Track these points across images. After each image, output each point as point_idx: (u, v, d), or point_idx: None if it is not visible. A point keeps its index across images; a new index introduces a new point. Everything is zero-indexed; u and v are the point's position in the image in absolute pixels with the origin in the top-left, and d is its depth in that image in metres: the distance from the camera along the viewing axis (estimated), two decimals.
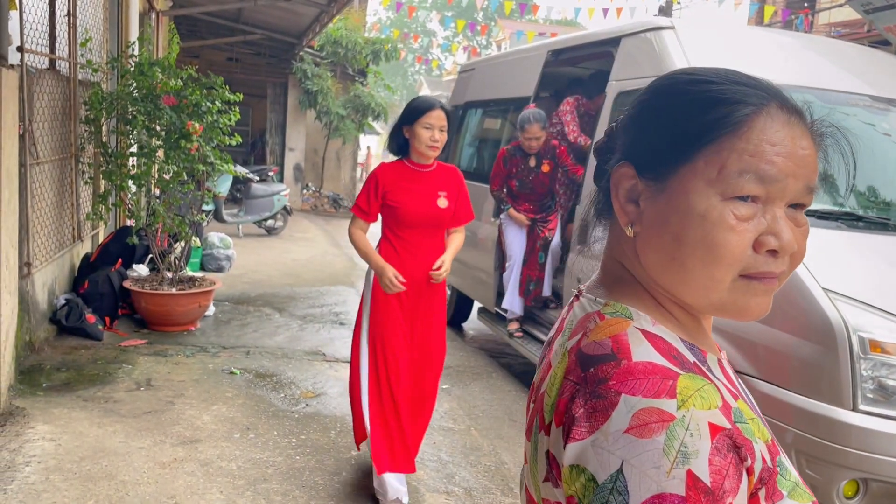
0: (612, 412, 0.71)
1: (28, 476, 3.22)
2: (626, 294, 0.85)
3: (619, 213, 0.85)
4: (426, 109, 3.19)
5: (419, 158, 3.27)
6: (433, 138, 3.19)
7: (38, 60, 4.94)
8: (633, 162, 0.84)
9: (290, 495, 3.27)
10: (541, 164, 5.12)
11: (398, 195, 3.23)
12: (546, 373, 0.86)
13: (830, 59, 4.22)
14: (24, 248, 4.53)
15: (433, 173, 3.32)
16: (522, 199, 5.28)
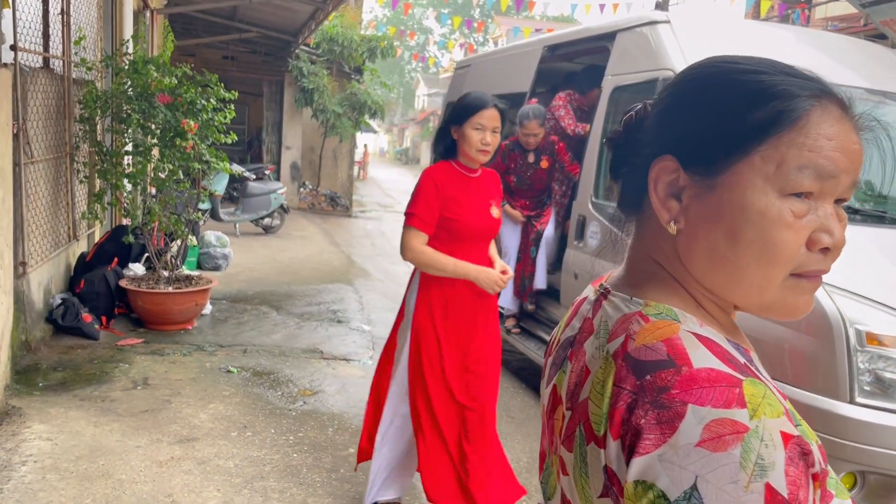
0: (679, 424, 0.67)
1: (24, 475, 3.21)
2: (663, 293, 0.81)
3: (659, 209, 0.80)
4: (477, 108, 2.84)
5: (468, 162, 2.92)
6: (484, 141, 2.84)
7: (31, 59, 4.92)
8: (677, 155, 0.79)
9: (288, 493, 3.26)
10: (539, 159, 5.10)
11: (455, 205, 2.87)
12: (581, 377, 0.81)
13: (827, 53, 4.22)
14: (19, 248, 4.52)
15: (481, 179, 2.99)
16: (519, 195, 5.26)
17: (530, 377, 5.41)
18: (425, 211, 2.85)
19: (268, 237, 11.20)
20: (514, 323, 5.27)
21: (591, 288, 0.95)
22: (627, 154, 0.87)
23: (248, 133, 18.26)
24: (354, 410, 4.33)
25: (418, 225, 2.85)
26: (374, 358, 5.45)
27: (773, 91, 0.76)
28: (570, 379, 0.84)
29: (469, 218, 2.87)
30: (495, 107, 2.87)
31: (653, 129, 0.83)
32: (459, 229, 2.87)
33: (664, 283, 0.82)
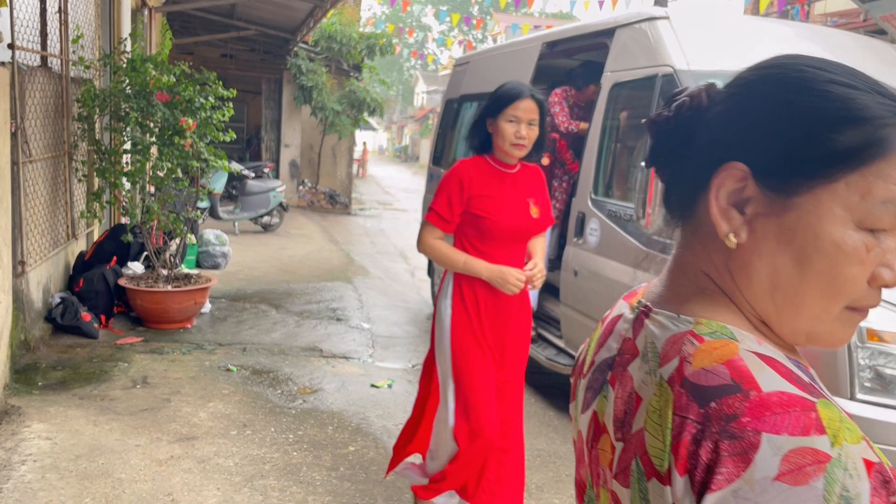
0: (754, 455, 0.62)
1: (24, 475, 3.20)
2: (713, 309, 0.75)
3: (718, 219, 0.73)
4: (512, 99, 2.66)
5: (503, 157, 2.75)
6: (519, 134, 2.65)
7: (29, 58, 4.91)
8: (748, 163, 0.71)
9: (288, 491, 3.26)
10: (540, 156, 5.08)
11: (485, 202, 2.70)
12: (630, 405, 0.75)
13: (826, 49, 4.21)
14: (17, 247, 4.51)
15: (519, 175, 2.80)
16: None
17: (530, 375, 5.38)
18: (445, 208, 2.73)
19: (267, 235, 11.19)
20: None
21: (623, 304, 0.88)
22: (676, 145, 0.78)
23: (247, 131, 18.23)
24: (354, 408, 4.33)
25: (435, 221, 2.75)
26: (374, 356, 5.45)
27: (867, 114, 0.69)
28: (617, 406, 0.78)
29: (501, 217, 2.69)
30: (532, 97, 2.68)
31: (718, 127, 0.75)
32: (490, 228, 2.70)
33: (714, 299, 0.75)
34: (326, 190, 16.05)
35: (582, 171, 4.48)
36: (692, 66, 3.72)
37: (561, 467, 3.85)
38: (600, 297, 4.15)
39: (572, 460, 3.90)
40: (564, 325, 4.58)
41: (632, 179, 4.06)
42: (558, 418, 4.55)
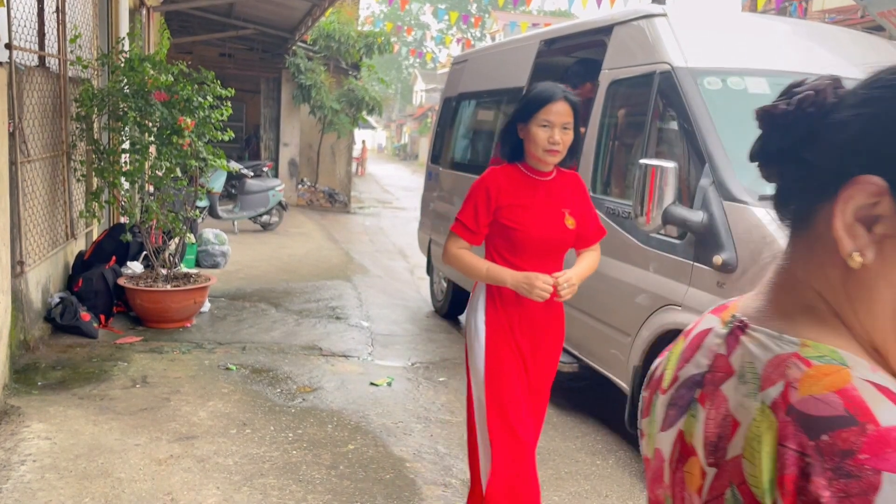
0: (874, 497, 0.57)
1: (23, 475, 3.20)
2: (822, 330, 0.69)
3: (842, 236, 0.66)
4: (544, 102, 2.49)
5: (537, 164, 2.60)
6: (552, 140, 2.50)
7: (26, 57, 4.90)
8: (889, 178, 0.64)
9: (287, 490, 3.26)
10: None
11: (516, 212, 2.56)
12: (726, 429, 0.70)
13: (823, 45, 4.21)
14: (16, 247, 4.51)
15: (554, 183, 2.64)
16: None
17: None
18: (471, 218, 2.60)
19: (266, 234, 11.19)
20: None
21: (712, 317, 0.82)
22: (793, 143, 0.71)
23: (246, 130, 18.24)
24: (353, 407, 4.33)
25: (460, 232, 2.63)
26: (373, 354, 5.45)
27: None
28: (708, 428, 0.72)
29: (533, 227, 2.54)
30: (565, 98, 2.51)
31: (850, 132, 0.67)
32: (521, 239, 2.55)
33: (823, 319, 0.69)
34: (325, 188, 16.05)
35: (580, 169, 4.48)
36: (690, 63, 3.71)
37: (560, 465, 3.85)
38: (598, 296, 4.15)
39: (572, 458, 3.91)
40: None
41: (630, 177, 4.05)
42: (557, 416, 4.55)
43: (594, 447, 4.12)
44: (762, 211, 3.14)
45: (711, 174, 3.35)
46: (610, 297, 4.04)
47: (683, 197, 3.51)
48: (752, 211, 3.16)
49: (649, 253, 3.72)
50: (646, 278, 3.73)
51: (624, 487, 3.65)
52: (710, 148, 3.40)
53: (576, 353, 4.47)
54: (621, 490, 3.62)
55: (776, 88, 3.73)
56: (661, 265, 3.62)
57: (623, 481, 3.71)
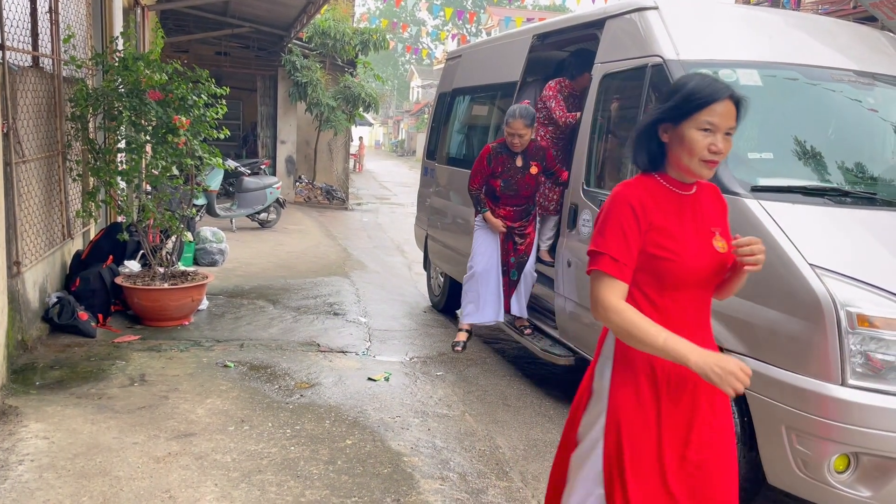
0: None
1: (21, 475, 3.22)
2: None
3: None
4: (706, 101, 1.95)
5: (682, 176, 2.04)
6: (715, 148, 1.95)
7: (20, 58, 4.91)
8: None
9: (285, 486, 3.28)
10: (528, 165, 4.97)
11: (664, 237, 1.99)
12: None
13: (815, 36, 4.21)
14: (13, 247, 4.52)
15: (698, 197, 2.09)
16: (504, 202, 5.12)
17: (526, 365, 5.42)
18: (622, 248, 1.97)
19: (264, 232, 11.20)
20: (525, 324, 5.21)
21: None
22: None
23: (243, 128, 18.23)
24: (351, 402, 4.34)
25: (612, 270, 1.97)
26: (371, 350, 5.47)
27: None
28: None
29: (687, 255, 2.00)
30: (732, 97, 1.97)
31: None
32: (674, 272, 1.99)
33: None
34: (323, 185, 16.05)
35: (574, 162, 4.49)
36: (682, 56, 3.72)
37: None
38: None
39: None
40: (559, 315, 4.60)
41: (624, 170, 4.06)
42: (553, 408, 4.57)
43: None
44: (754, 202, 3.16)
45: None
46: None
47: None
48: (745, 202, 3.17)
49: None
50: None
51: None
52: None
53: (572, 346, 4.49)
54: None
55: (768, 80, 3.74)
56: None
57: None
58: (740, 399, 3.07)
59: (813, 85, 3.87)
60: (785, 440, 2.88)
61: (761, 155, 3.58)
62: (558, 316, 4.62)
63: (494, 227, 5.10)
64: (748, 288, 3.06)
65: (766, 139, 3.70)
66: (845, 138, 3.83)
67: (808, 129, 3.79)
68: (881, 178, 3.71)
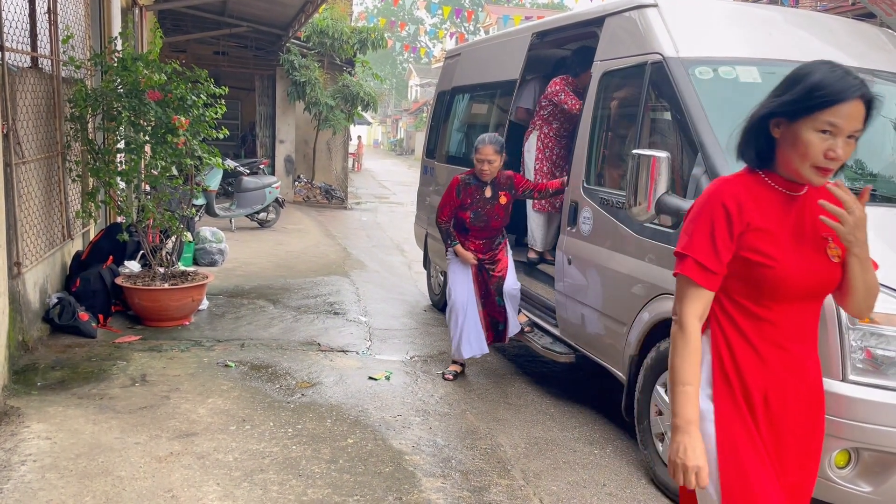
0: None
1: (24, 475, 3.22)
2: None
3: None
4: (834, 100, 1.69)
5: (793, 176, 1.82)
6: (833, 154, 1.72)
7: (19, 59, 4.90)
8: None
9: (287, 485, 3.28)
10: (497, 195, 4.75)
11: (763, 241, 1.80)
12: None
13: (814, 33, 4.21)
14: (13, 248, 4.52)
15: (809, 199, 1.86)
16: (474, 235, 4.87)
17: (527, 364, 5.43)
18: (709, 252, 1.80)
19: (263, 231, 11.19)
20: (526, 320, 5.12)
21: None
22: None
23: (242, 128, 18.22)
24: (352, 401, 4.35)
25: (697, 276, 1.81)
26: (371, 349, 5.47)
27: None
28: None
29: (788, 262, 1.80)
30: (863, 97, 1.71)
31: None
32: (772, 281, 1.80)
33: None
34: (322, 185, 16.04)
35: (574, 160, 4.49)
36: (681, 53, 3.72)
37: (558, 454, 3.87)
38: (594, 286, 4.16)
39: (570, 448, 3.93)
40: (560, 313, 4.60)
41: (623, 168, 4.07)
42: (555, 406, 4.58)
43: (591, 437, 4.15)
44: None
45: (704, 163, 3.36)
46: (605, 287, 4.06)
47: (676, 186, 3.52)
48: None
49: (644, 243, 3.73)
50: (641, 268, 3.74)
51: (622, 476, 3.67)
52: (702, 137, 3.41)
53: (572, 344, 4.49)
54: (619, 479, 3.64)
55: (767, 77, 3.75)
56: (656, 254, 3.64)
57: (621, 470, 3.74)
58: None
59: None
60: None
61: None
62: (559, 313, 4.62)
63: (466, 260, 4.85)
64: None
65: None
66: None
67: None
68: (881, 175, 3.71)
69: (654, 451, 3.58)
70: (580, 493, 3.47)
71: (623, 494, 3.49)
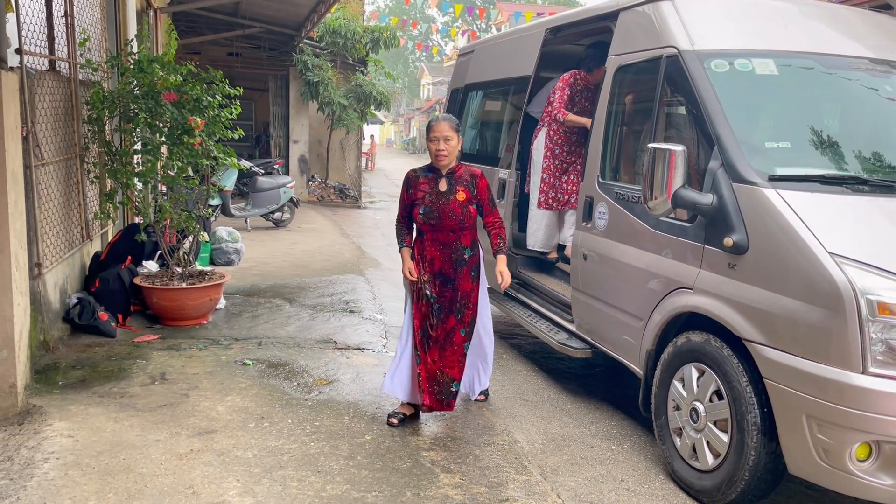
0: None
1: (47, 472, 3.26)
2: None
3: None
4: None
5: None
6: None
7: (37, 62, 4.95)
8: None
9: (306, 481, 3.30)
10: (454, 189, 3.95)
11: None
12: None
13: (831, 24, 4.18)
14: (33, 249, 4.57)
15: None
16: (430, 237, 3.99)
17: (543, 360, 5.42)
18: None
19: (279, 231, 11.25)
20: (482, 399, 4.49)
21: None
22: None
23: (256, 128, 18.31)
24: (369, 398, 4.36)
25: None
26: (387, 346, 5.49)
27: None
28: None
29: None
30: None
31: None
32: None
33: None
34: (336, 184, 16.10)
35: (589, 155, 4.48)
36: (696, 47, 3.71)
37: (575, 450, 3.87)
38: (610, 281, 4.15)
39: (587, 443, 3.93)
40: (576, 309, 4.60)
41: (638, 162, 4.05)
42: (571, 402, 4.57)
43: (609, 432, 4.14)
44: (772, 192, 3.14)
45: (720, 156, 3.35)
46: (621, 282, 4.04)
47: (692, 180, 3.50)
48: (763, 192, 3.16)
49: (660, 237, 3.72)
50: (657, 262, 3.73)
51: (640, 472, 3.66)
52: (718, 130, 3.39)
53: (588, 339, 4.48)
54: (637, 474, 3.63)
55: (784, 70, 3.72)
56: (672, 249, 3.63)
57: (638, 465, 3.73)
58: (760, 389, 3.06)
59: (829, 73, 3.84)
60: (806, 429, 2.87)
61: (778, 144, 3.56)
62: (575, 309, 4.61)
63: (403, 269, 4.06)
64: (767, 277, 3.06)
65: (783, 128, 3.68)
66: (863, 126, 3.80)
67: (825, 117, 3.76)
68: None
69: (671, 447, 3.57)
70: (598, 488, 3.47)
71: (641, 490, 3.48)
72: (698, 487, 3.36)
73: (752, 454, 3.08)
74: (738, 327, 3.14)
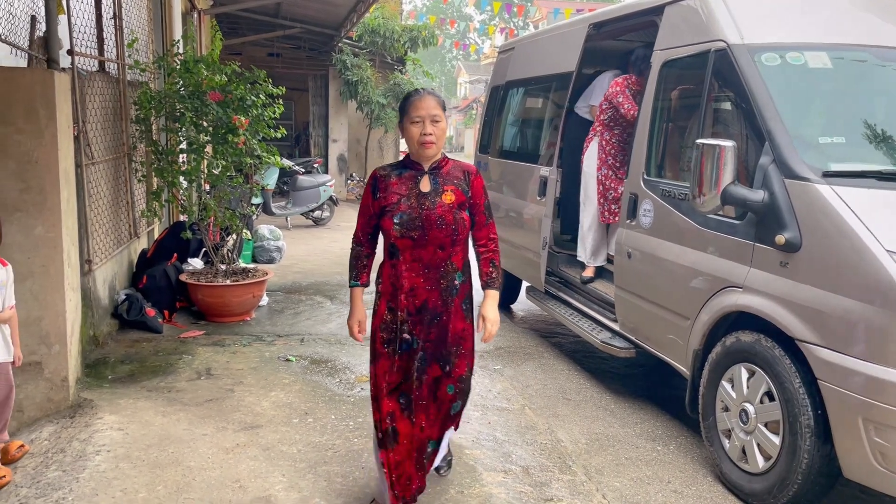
0: None
1: (99, 464, 3.33)
2: None
3: None
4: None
5: None
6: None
7: (87, 63, 5.07)
8: None
9: (351, 476, 3.32)
10: (441, 189, 2.85)
11: None
12: None
13: (883, 16, 4.05)
14: (84, 246, 4.67)
15: None
16: (408, 256, 2.89)
17: (584, 359, 5.37)
18: None
19: (318, 229, 11.35)
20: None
21: None
22: None
23: (296, 128, 18.52)
24: None
25: None
26: None
27: None
28: None
29: None
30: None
31: None
32: None
33: None
34: None
35: (634, 152, 4.42)
36: (746, 40, 3.63)
37: (620, 451, 3.82)
38: (655, 279, 4.09)
39: (632, 444, 3.87)
40: (619, 307, 4.54)
41: (685, 159, 3.98)
42: (615, 402, 4.52)
43: (654, 433, 4.08)
44: (826, 188, 3.06)
45: (772, 152, 3.27)
46: (667, 280, 3.98)
47: (741, 177, 3.43)
48: (816, 188, 3.08)
49: (707, 235, 3.65)
50: (704, 261, 3.66)
51: (686, 473, 3.60)
52: (770, 125, 3.31)
53: (632, 339, 4.42)
54: (684, 476, 3.57)
55: (837, 63, 3.62)
56: (721, 247, 3.55)
57: (685, 467, 3.67)
58: (814, 390, 2.98)
59: (883, 66, 3.73)
60: (862, 432, 2.79)
61: (832, 139, 3.46)
62: (618, 308, 4.55)
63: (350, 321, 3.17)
64: (821, 276, 2.98)
65: (836, 123, 3.58)
66: None
67: (880, 111, 3.65)
68: None
69: (720, 448, 3.50)
70: (644, 489, 3.42)
71: (688, 492, 3.42)
72: (748, 490, 3.29)
73: (805, 457, 3.00)
74: (791, 327, 3.07)
